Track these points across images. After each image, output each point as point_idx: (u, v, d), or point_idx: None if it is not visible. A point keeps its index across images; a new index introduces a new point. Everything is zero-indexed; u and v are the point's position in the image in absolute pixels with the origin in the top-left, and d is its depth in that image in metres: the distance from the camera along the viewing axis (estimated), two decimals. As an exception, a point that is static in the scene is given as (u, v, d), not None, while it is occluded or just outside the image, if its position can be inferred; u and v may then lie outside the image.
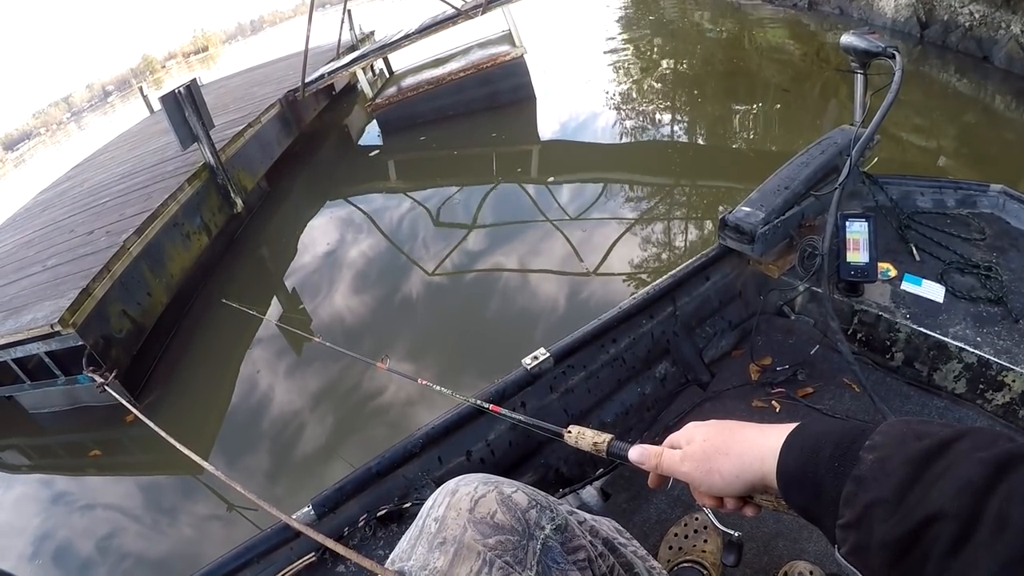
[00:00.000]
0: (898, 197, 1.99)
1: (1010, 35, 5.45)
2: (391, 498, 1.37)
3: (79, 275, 3.86)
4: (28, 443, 4.12)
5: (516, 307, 3.81)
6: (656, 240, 4.19)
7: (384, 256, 4.93)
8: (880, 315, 1.64)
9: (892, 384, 1.65)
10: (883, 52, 1.54)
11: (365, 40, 11.00)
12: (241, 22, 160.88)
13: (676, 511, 1.45)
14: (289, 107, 7.38)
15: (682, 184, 4.96)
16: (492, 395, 1.47)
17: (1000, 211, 1.94)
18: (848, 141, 1.79)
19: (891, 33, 7.12)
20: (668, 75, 8.00)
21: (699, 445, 0.65)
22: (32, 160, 32.02)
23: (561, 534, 0.74)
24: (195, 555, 2.79)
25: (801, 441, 0.55)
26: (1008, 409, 1.47)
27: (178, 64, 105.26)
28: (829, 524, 0.49)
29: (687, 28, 10.40)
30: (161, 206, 4.62)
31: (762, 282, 1.93)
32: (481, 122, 7.08)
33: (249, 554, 1.25)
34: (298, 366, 3.84)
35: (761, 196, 1.83)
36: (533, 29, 8.82)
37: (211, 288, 5.00)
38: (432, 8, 8.18)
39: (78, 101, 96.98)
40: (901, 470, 0.44)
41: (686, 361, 1.82)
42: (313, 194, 6.73)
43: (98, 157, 8.61)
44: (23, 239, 5.56)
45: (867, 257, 1.60)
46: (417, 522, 0.75)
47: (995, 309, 1.58)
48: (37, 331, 3.46)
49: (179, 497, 3.19)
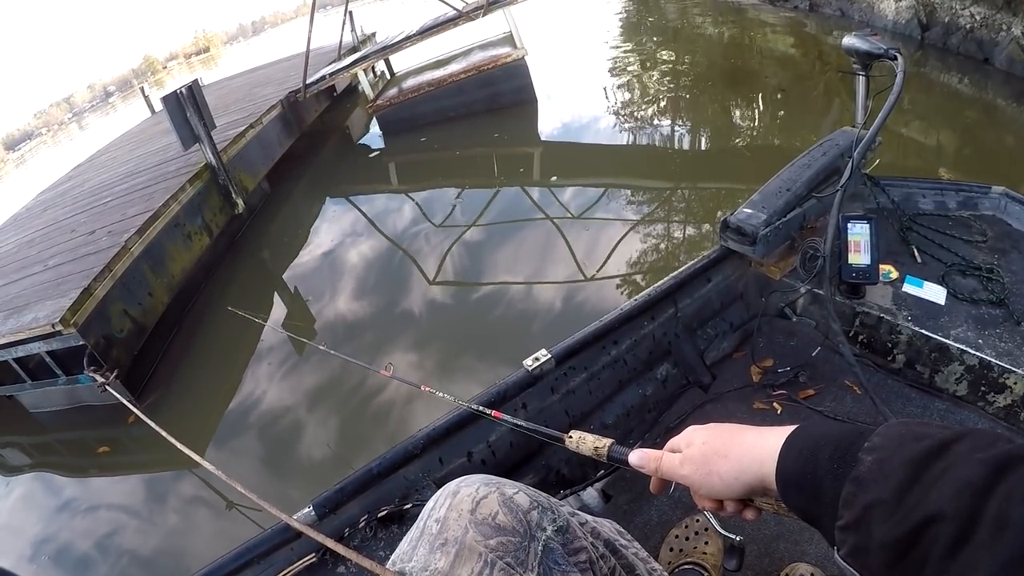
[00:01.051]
0: (900, 199, 1.98)
1: (1011, 37, 5.44)
2: (392, 499, 1.37)
3: (80, 275, 3.86)
4: (29, 442, 4.12)
5: (517, 308, 3.81)
6: (658, 242, 4.18)
7: (385, 258, 4.92)
8: (882, 317, 1.64)
9: (893, 386, 1.65)
10: (885, 54, 1.54)
11: (366, 41, 10.99)
12: (243, 23, 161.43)
13: (677, 513, 1.44)
14: (290, 108, 7.39)
15: (683, 187, 4.95)
16: (493, 396, 1.46)
17: (1001, 213, 1.94)
18: (850, 143, 1.79)
19: (892, 35, 7.11)
20: (669, 77, 8.00)
21: (698, 448, 0.65)
22: (34, 160, 32.06)
23: (562, 535, 0.74)
24: (196, 555, 2.79)
25: (800, 443, 0.55)
26: (1010, 411, 1.47)
27: (179, 65, 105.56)
28: (828, 526, 0.49)
29: (688, 30, 10.40)
30: (163, 206, 4.62)
31: (763, 284, 1.93)
32: (482, 124, 7.08)
33: (250, 554, 1.25)
34: (299, 368, 3.83)
35: (763, 198, 1.83)
36: (534, 31, 8.82)
37: (212, 289, 5.00)
38: (433, 9, 8.19)
39: (79, 101, 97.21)
40: (900, 471, 0.44)
41: (687, 363, 1.82)
42: (314, 195, 6.74)
43: (99, 157, 8.62)
44: (25, 238, 5.56)
45: (869, 259, 1.60)
46: (418, 523, 0.75)
47: (996, 311, 1.57)
48: (38, 331, 3.47)
49: (180, 496, 3.18)
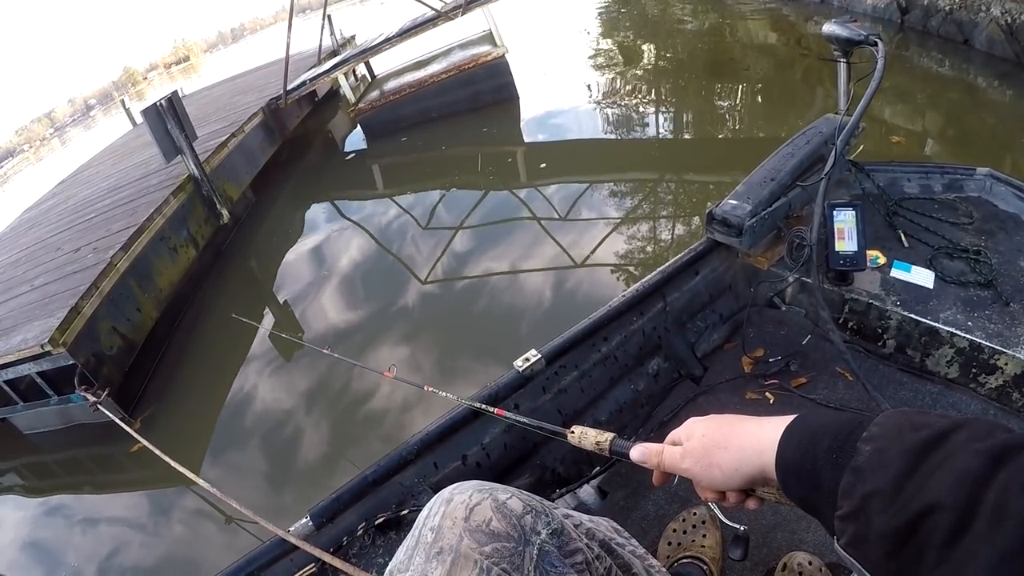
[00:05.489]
0: (885, 184, 1.99)
1: (990, 18, 5.48)
2: (388, 506, 1.36)
3: (67, 293, 3.83)
4: (24, 463, 4.08)
5: (505, 307, 3.81)
6: (644, 236, 4.19)
7: (373, 260, 4.91)
8: (871, 303, 1.64)
9: (885, 371, 1.65)
10: (865, 40, 1.54)
11: (346, 45, 10.96)
12: (222, 30, 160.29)
13: (674, 507, 1.44)
14: (272, 115, 7.35)
15: (668, 180, 4.97)
16: (485, 398, 1.45)
17: (987, 194, 1.95)
18: (833, 130, 1.79)
19: (871, 19, 7.16)
20: (650, 69, 8.02)
21: (698, 440, 0.66)
22: (17, 178, 31.71)
23: (557, 538, 0.73)
24: (198, 570, 2.78)
25: (799, 433, 0.55)
26: (1002, 392, 1.47)
27: (160, 75, 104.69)
28: (828, 515, 0.49)
29: (668, 21, 10.42)
30: (147, 220, 4.59)
31: (752, 274, 1.93)
32: (466, 123, 7.07)
33: (249, 567, 1.24)
34: (290, 373, 3.82)
35: (747, 188, 1.82)
36: (514, 29, 8.81)
37: (201, 300, 4.97)
38: (412, 10, 8.16)
39: (61, 116, 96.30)
40: (898, 461, 0.44)
41: (678, 356, 1.81)
42: (300, 201, 6.71)
43: (83, 172, 8.57)
44: (10, 259, 5.52)
45: (855, 246, 1.60)
46: (413, 532, 0.75)
47: (985, 293, 1.58)
48: (27, 352, 3.44)
49: (179, 512, 3.17)
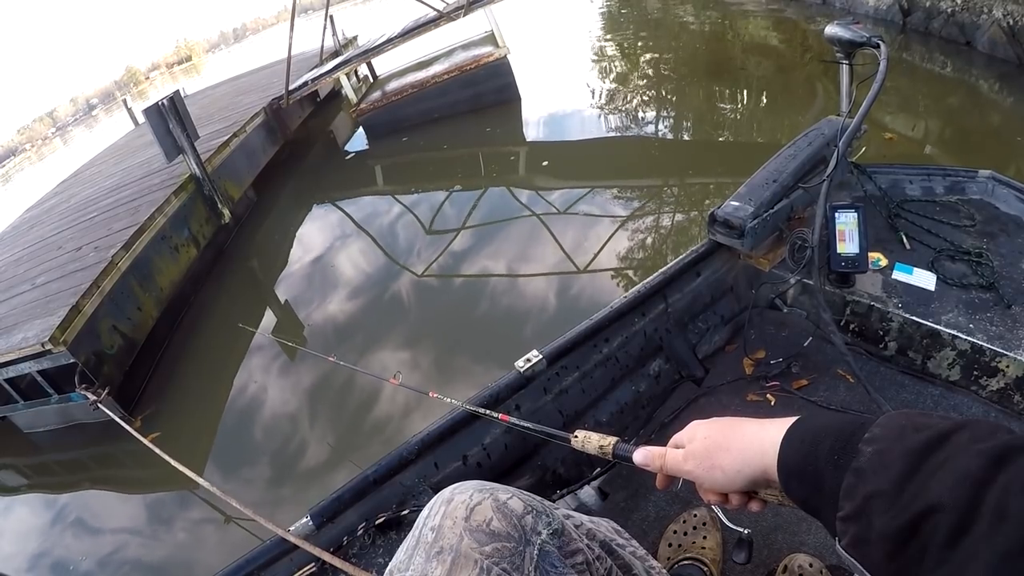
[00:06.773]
0: (887, 186, 1.98)
1: (992, 20, 5.48)
2: (389, 506, 1.36)
3: (68, 292, 3.83)
4: (24, 462, 4.09)
5: (506, 307, 3.81)
6: (646, 237, 4.18)
7: (374, 261, 4.91)
8: (872, 305, 1.64)
9: (886, 373, 1.64)
10: (868, 42, 1.54)
11: (348, 45, 10.96)
12: (224, 30, 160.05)
13: (675, 508, 1.44)
14: (274, 115, 7.36)
15: (670, 183, 4.96)
16: (485, 399, 1.45)
17: (989, 196, 1.94)
18: (835, 132, 1.79)
19: (873, 21, 7.16)
20: (652, 70, 8.02)
21: (701, 443, 0.66)
22: (19, 176, 31.72)
23: (558, 538, 0.73)
24: (199, 568, 2.78)
25: (801, 434, 0.56)
26: (1003, 395, 1.47)
27: (162, 75, 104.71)
28: (829, 516, 0.50)
29: (670, 22, 10.43)
30: (148, 219, 4.59)
31: (753, 276, 1.92)
32: (467, 123, 7.07)
33: (249, 567, 1.24)
34: (292, 374, 3.82)
35: (749, 190, 1.82)
36: (516, 29, 8.81)
37: (202, 300, 4.97)
38: (414, 11, 8.17)
39: (63, 115, 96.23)
40: (900, 462, 0.44)
41: (679, 357, 1.81)
42: (301, 201, 6.72)
43: (84, 172, 8.57)
44: (11, 257, 5.52)
45: (857, 247, 1.59)
46: (414, 532, 0.75)
47: (987, 295, 1.57)
48: (28, 350, 3.44)
49: (177, 511, 3.17)
